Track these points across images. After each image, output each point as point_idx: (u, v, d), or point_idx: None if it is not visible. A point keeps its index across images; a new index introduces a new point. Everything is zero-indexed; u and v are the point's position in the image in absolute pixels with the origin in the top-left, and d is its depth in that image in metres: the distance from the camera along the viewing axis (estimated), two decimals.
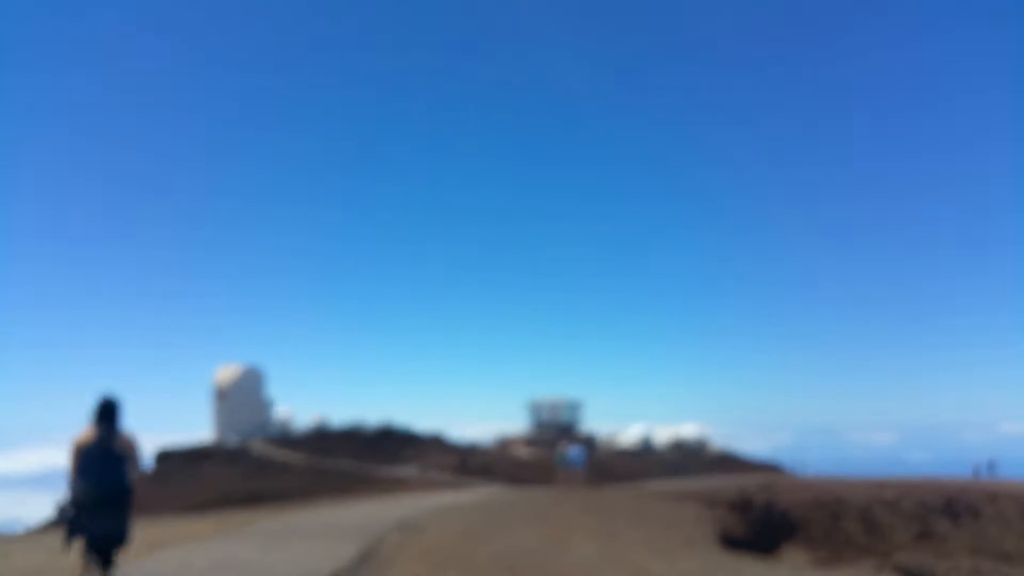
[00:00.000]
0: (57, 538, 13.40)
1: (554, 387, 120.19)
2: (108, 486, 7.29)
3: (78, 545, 7.33)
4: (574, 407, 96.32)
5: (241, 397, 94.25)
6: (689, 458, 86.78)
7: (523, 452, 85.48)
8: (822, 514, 37.72)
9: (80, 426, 7.48)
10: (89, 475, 7.24)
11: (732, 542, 14.83)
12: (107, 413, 7.49)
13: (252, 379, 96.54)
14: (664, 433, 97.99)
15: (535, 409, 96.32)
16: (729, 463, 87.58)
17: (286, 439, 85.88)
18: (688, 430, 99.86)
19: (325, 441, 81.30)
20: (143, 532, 13.64)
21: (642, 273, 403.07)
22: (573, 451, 35.53)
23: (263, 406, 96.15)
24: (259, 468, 69.65)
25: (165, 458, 76.41)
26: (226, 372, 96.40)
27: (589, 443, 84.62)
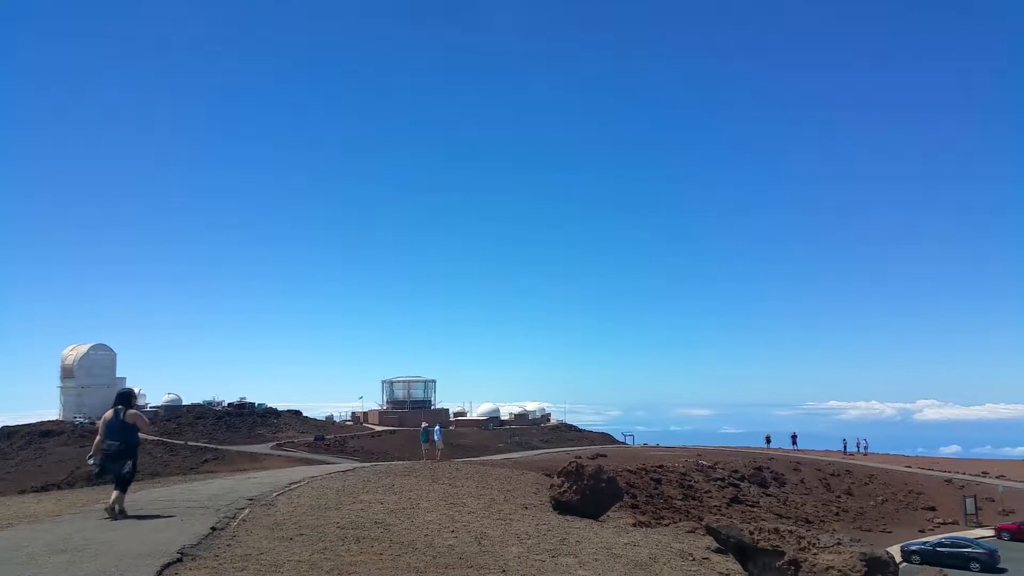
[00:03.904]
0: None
1: (408, 367, 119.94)
2: (120, 444, 11.16)
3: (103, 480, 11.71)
4: (427, 385, 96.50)
5: (89, 375, 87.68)
6: (532, 431, 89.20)
7: (377, 428, 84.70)
8: (646, 480, 39.98)
9: None
10: (109, 437, 11.18)
11: (564, 507, 15.44)
12: (121, 398, 11.56)
13: (101, 358, 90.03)
14: (511, 409, 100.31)
15: (390, 387, 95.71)
16: (568, 435, 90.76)
17: None
18: (532, 406, 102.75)
19: (177, 419, 77.18)
20: None
21: (491, 263, 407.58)
22: (435, 428, 37.20)
23: (112, 384, 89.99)
24: None
25: (7, 436, 69.82)
26: (73, 351, 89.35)
27: (443, 418, 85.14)
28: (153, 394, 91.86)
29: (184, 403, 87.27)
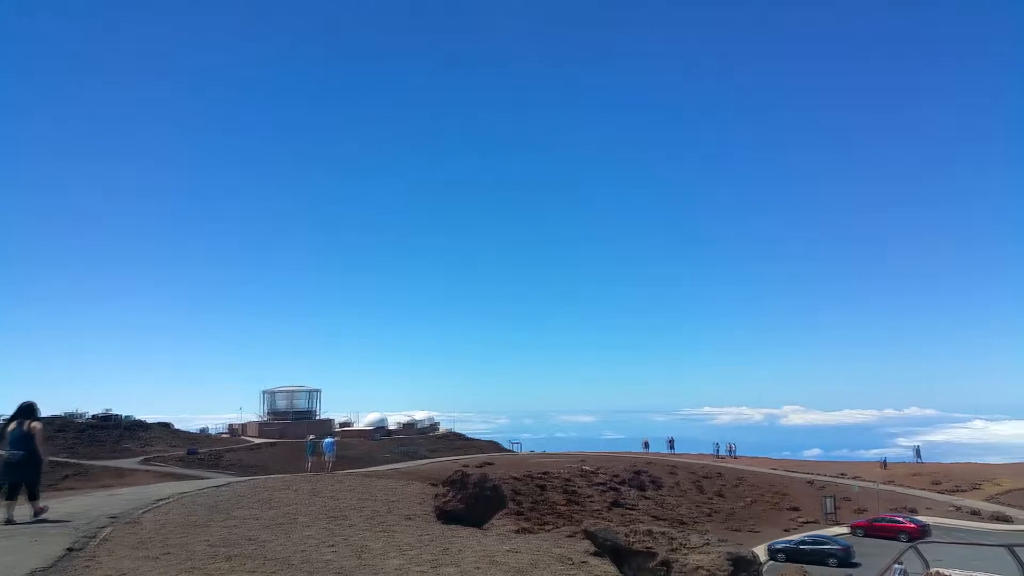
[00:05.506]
0: None
1: (291, 377, 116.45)
2: (23, 454, 12.10)
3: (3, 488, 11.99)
4: (311, 395, 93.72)
5: None
6: (420, 440, 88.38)
7: (257, 440, 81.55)
8: (531, 487, 40.39)
9: None
10: (13, 448, 12.07)
11: (449, 516, 15.38)
12: (23, 410, 12.56)
13: None
14: (398, 418, 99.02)
15: (270, 397, 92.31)
16: (456, 443, 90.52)
17: None
18: (420, 415, 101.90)
19: None
20: None
21: (375, 271, 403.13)
22: (326, 440, 36.40)
23: None
24: None
25: None
26: None
27: (328, 429, 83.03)
28: (7, 405, 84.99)
29: (43, 415, 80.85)
